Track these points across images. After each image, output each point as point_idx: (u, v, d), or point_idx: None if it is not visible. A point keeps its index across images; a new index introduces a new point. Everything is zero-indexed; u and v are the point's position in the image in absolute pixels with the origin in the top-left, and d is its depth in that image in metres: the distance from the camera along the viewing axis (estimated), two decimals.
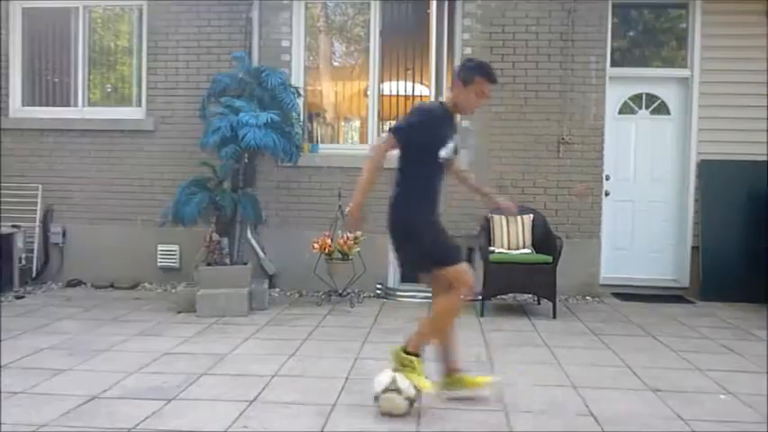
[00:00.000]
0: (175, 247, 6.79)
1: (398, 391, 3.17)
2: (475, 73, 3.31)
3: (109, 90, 7.43)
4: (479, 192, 3.78)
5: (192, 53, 6.83)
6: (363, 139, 7.07)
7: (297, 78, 6.78)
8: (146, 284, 6.81)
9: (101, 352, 4.39)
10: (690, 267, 6.75)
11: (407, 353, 3.30)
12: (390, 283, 6.62)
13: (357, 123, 7.42)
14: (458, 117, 3.56)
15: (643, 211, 6.93)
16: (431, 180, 3.38)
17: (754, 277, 6.25)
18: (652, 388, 3.80)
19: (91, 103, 7.19)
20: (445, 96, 3.50)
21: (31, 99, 7.25)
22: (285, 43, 6.80)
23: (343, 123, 7.61)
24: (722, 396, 3.70)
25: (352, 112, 7.48)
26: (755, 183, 6.50)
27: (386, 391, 3.19)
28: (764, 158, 6.53)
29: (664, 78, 6.90)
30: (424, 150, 3.30)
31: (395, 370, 3.27)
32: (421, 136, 3.26)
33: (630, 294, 6.67)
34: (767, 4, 6.48)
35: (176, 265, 6.81)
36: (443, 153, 3.32)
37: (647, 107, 6.95)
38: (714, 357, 4.51)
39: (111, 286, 6.74)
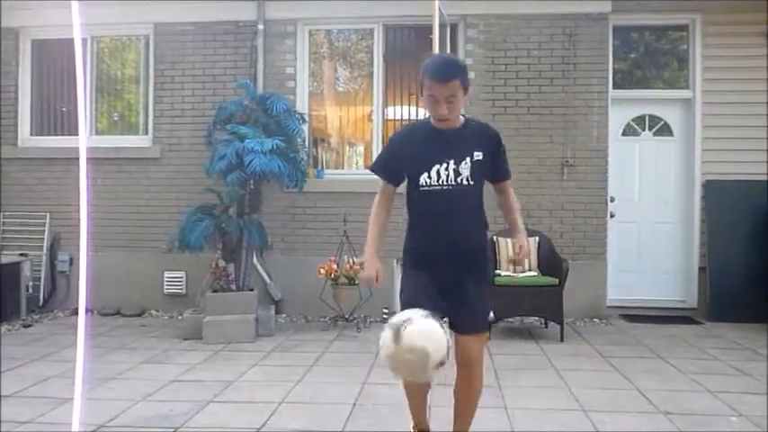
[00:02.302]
0: (182, 274, 6.80)
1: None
2: (423, 73, 2.67)
3: (116, 119, 7.52)
4: (511, 227, 2.99)
5: (198, 81, 6.91)
6: (368, 163, 7.12)
7: (301, 104, 6.85)
8: (152, 311, 6.81)
9: (107, 380, 4.39)
10: (698, 288, 6.72)
11: None
12: (397, 308, 6.58)
13: (362, 148, 7.46)
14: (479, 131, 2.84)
15: (649, 233, 6.92)
16: (418, 217, 2.81)
17: (763, 297, 6.20)
18: (662, 411, 3.76)
19: (98, 132, 7.27)
20: None
21: (39, 128, 7.34)
22: (290, 70, 6.89)
23: (347, 148, 7.65)
24: (733, 418, 3.66)
25: (357, 137, 7.53)
26: (762, 202, 6.49)
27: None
28: None
29: (666, 100, 6.94)
30: (408, 180, 2.82)
31: None
32: (396, 167, 2.82)
33: (638, 316, 6.63)
34: (767, 24, 6.53)
35: (183, 291, 6.81)
36: (425, 180, 2.72)
37: (650, 128, 6.98)
38: (724, 379, 4.47)
39: (118, 313, 6.75)
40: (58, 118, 7.40)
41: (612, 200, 6.78)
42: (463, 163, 2.72)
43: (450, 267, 2.75)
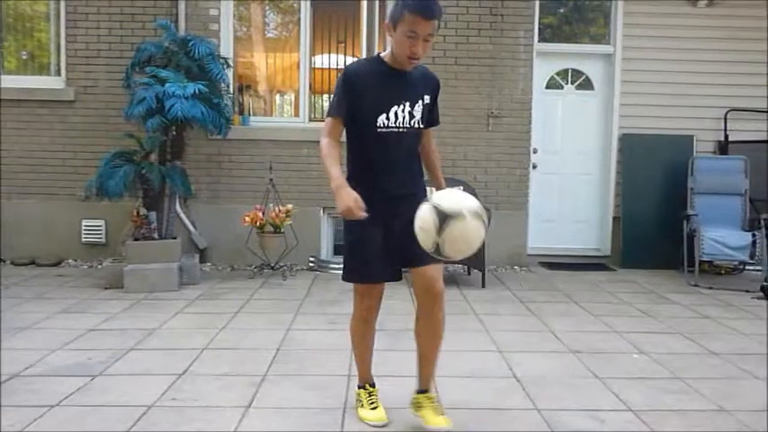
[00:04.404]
0: (101, 223, 6.58)
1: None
2: (402, 8, 2.48)
3: (25, 57, 7.06)
4: (435, 177, 2.98)
5: (115, 20, 6.56)
6: (297, 112, 7.00)
7: (226, 49, 6.62)
8: (70, 261, 6.58)
9: (22, 330, 4.24)
10: (611, 237, 7.06)
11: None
12: (323, 256, 6.64)
13: (290, 96, 7.33)
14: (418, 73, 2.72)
15: (569, 184, 7.18)
16: (370, 161, 2.70)
17: (670, 245, 6.58)
18: (572, 350, 3.99)
19: (5, 72, 6.82)
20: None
21: None
22: (213, 12, 6.62)
23: (276, 96, 7.50)
24: (635, 355, 3.92)
25: (285, 84, 7.39)
26: (673, 156, 6.81)
27: None
28: (682, 132, 6.85)
29: (588, 54, 7.12)
30: (355, 122, 2.67)
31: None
32: (353, 106, 2.63)
33: (557, 264, 6.93)
34: None
35: (102, 240, 6.61)
36: (383, 121, 2.63)
37: (572, 82, 7.16)
38: (631, 321, 4.76)
39: (33, 263, 6.48)
40: None
41: (535, 151, 6.97)
42: (416, 105, 2.69)
43: (402, 210, 2.63)
